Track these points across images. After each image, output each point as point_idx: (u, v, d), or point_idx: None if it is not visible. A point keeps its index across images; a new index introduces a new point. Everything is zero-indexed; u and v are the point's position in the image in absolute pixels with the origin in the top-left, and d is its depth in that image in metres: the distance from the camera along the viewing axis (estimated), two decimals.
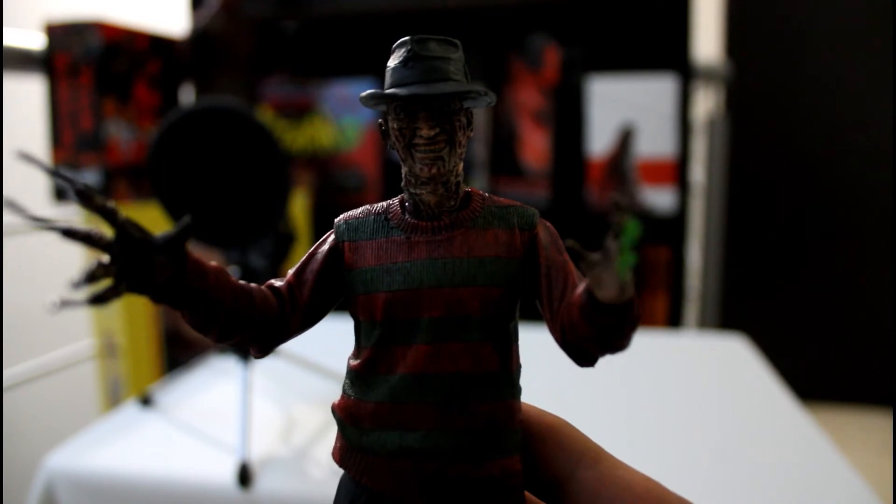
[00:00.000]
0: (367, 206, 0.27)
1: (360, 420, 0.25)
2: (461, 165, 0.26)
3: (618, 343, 0.22)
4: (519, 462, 0.24)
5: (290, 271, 0.26)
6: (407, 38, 0.25)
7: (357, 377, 0.25)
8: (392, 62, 0.25)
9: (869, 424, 2.16)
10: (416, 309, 0.24)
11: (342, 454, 0.25)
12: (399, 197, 0.27)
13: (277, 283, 0.26)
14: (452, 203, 0.25)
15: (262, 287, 0.25)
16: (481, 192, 0.27)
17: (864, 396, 2.28)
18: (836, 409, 2.27)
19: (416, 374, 0.24)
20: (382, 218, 0.26)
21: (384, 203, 0.26)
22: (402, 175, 0.26)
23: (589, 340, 0.22)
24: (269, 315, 0.25)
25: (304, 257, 0.26)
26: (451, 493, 0.23)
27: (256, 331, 0.25)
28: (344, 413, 0.25)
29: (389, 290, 0.24)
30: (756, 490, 0.67)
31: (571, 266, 0.25)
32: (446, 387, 0.24)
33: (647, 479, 0.24)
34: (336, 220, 0.27)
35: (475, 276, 0.24)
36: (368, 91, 0.25)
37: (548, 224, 0.26)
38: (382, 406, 0.24)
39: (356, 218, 0.26)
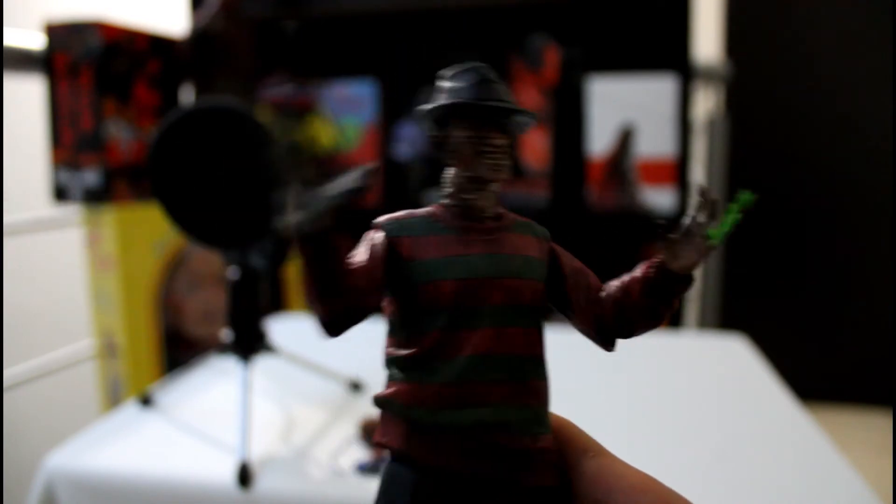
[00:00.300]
0: (407, 211, 0.29)
1: (426, 401, 0.26)
2: None
3: (664, 314, 0.27)
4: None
5: (357, 257, 0.27)
6: (471, 64, 0.29)
7: (415, 363, 0.26)
8: (458, 83, 0.29)
9: (869, 424, 2.16)
10: (478, 297, 0.26)
11: (407, 439, 0.26)
12: (435, 205, 0.29)
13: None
14: (494, 209, 0.29)
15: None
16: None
17: (864, 396, 2.28)
18: (836, 409, 2.27)
19: (484, 354, 0.26)
20: (430, 220, 0.28)
21: (422, 209, 0.29)
22: (452, 182, 0.28)
23: (640, 315, 0.27)
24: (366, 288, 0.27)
25: (363, 246, 0.28)
26: (514, 464, 0.25)
27: (356, 301, 0.26)
28: (407, 398, 0.26)
29: (456, 277, 0.26)
30: (756, 490, 0.67)
31: (588, 270, 0.29)
32: (510, 366, 0.26)
33: (643, 473, 0.25)
34: (378, 221, 0.28)
35: (525, 271, 0.27)
36: (456, 99, 0.28)
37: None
38: (450, 386, 0.25)
39: (401, 218, 0.28)
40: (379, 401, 0.27)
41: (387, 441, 0.26)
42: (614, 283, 0.29)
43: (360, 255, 0.27)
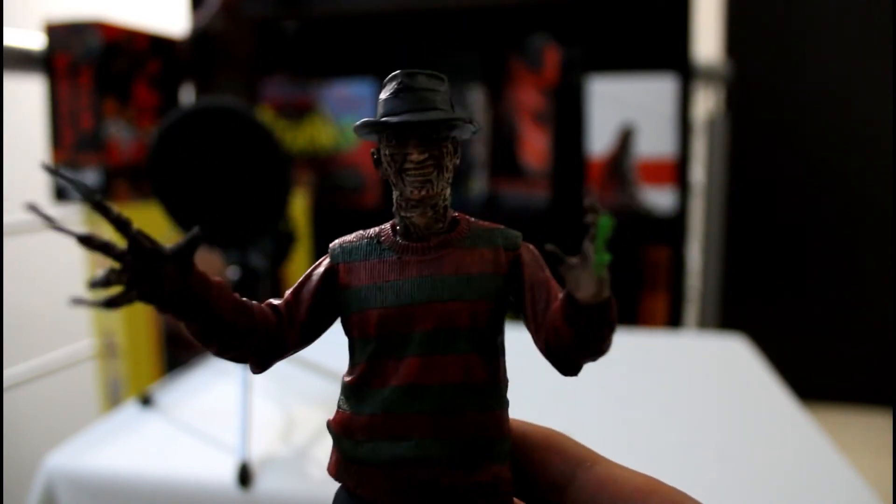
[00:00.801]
0: (361, 232, 0.28)
1: (353, 432, 0.26)
2: (448, 190, 0.28)
3: (597, 346, 0.23)
4: (509, 470, 0.26)
5: (288, 291, 0.27)
6: (398, 71, 0.27)
7: (351, 392, 0.26)
8: (383, 94, 0.27)
9: (869, 424, 2.16)
10: (407, 323, 0.25)
11: (338, 467, 0.26)
12: (390, 222, 0.28)
13: (276, 301, 0.27)
14: (440, 225, 0.27)
15: (262, 304, 0.27)
16: (468, 217, 0.28)
17: (864, 396, 2.28)
18: (836, 409, 2.27)
19: (409, 385, 0.25)
20: (375, 241, 0.27)
21: (377, 228, 0.28)
22: (394, 200, 0.27)
23: (570, 344, 0.23)
24: (267, 331, 0.26)
25: (301, 278, 0.28)
26: (444, 501, 0.24)
27: (255, 345, 0.26)
28: (339, 427, 0.26)
29: (382, 306, 0.25)
30: (756, 490, 0.67)
31: (554, 282, 0.26)
32: (437, 397, 0.25)
33: (646, 476, 0.25)
34: (331, 245, 0.28)
35: (463, 292, 0.25)
36: (362, 120, 0.26)
37: (531, 246, 0.28)
38: (375, 418, 0.25)
39: (350, 242, 0.28)
40: (327, 426, 0.27)
41: (330, 469, 0.27)
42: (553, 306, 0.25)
43: (293, 287, 0.27)
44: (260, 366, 0.26)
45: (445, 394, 0.25)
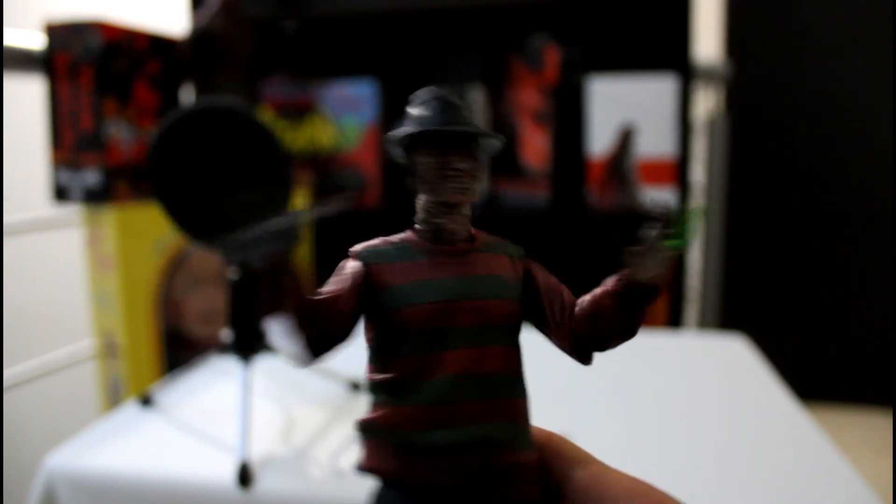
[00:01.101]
0: (381, 238, 0.30)
1: (404, 424, 0.26)
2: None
3: (637, 325, 0.28)
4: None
5: (324, 289, 0.28)
6: (434, 88, 0.30)
7: (396, 386, 0.27)
8: (420, 109, 0.29)
9: (869, 424, 2.16)
10: (451, 318, 0.27)
11: (392, 462, 0.26)
12: (408, 231, 0.30)
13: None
14: (466, 232, 0.29)
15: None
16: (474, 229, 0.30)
17: (864, 396, 2.28)
18: (836, 409, 2.27)
19: (460, 374, 0.26)
20: (401, 245, 0.29)
21: (396, 236, 0.30)
22: (422, 208, 0.29)
23: (612, 328, 0.28)
24: (336, 318, 0.27)
25: (334, 277, 0.29)
26: (498, 481, 0.26)
27: (327, 330, 0.27)
28: (389, 421, 0.27)
29: (427, 301, 0.27)
30: (756, 490, 0.67)
31: (564, 287, 0.30)
32: (486, 385, 0.27)
33: (636, 479, 0.26)
34: (354, 249, 0.29)
35: (499, 291, 0.28)
36: (411, 130, 0.29)
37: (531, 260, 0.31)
38: (426, 408, 0.26)
39: (375, 246, 0.29)
40: (362, 426, 0.27)
41: (374, 465, 0.27)
42: (587, 298, 0.29)
43: (333, 284, 0.28)
44: (319, 354, 0.27)
45: (492, 382, 0.27)
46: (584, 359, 0.29)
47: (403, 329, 0.27)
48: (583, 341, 0.28)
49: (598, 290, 0.29)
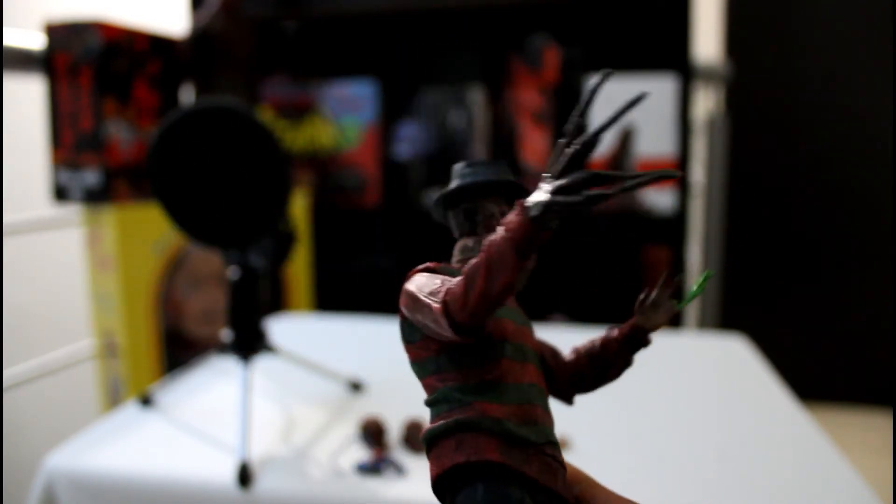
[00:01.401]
0: (444, 264, 0.33)
1: (505, 419, 0.29)
2: None
3: (624, 370, 0.35)
4: None
5: (444, 288, 0.29)
6: (475, 160, 0.35)
7: (490, 385, 0.30)
8: (468, 169, 0.35)
9: (869, 424, 2.16)
10: (524, 338, 0.32)
11: (502, 452, 0.28)
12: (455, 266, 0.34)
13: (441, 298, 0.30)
14: None
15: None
16: None
17: (864, 396, 2.28)
18: (836, 409, 2.27)
19: (533, 383, 0.31)
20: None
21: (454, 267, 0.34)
22: (468, 249, 0.34)
23: (615, 368, 0.35)
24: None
25: (440, 279, 0.30)
26: (559, 475, 0.29)
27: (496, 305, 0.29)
28: (495, 414, 0.29)
29: (510, 318, 0.32)
30: (756, 490, 0.67)
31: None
32: (544, 394, 0.32)
33: (622, 497, 0.28)
34: (430, 265, 0.32)
35: (528, 321, 0.34)
36: (480, 179, 0.34)
37: None
38: (517, 407, 0.29)
39: (447, 267, 0.33)
40: (462, 424, 0.28)
41: (481, 457, 0.27)
42: (581, 347, 0.35)
43: (439, 285, 0.29)
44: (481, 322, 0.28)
45: (544, 393, 0.32)
46: (569, 399, 0.35)
47: (494, 339, 0.30)
48: (581, 385, 0.35)
49: (597, 339, 0.34)
